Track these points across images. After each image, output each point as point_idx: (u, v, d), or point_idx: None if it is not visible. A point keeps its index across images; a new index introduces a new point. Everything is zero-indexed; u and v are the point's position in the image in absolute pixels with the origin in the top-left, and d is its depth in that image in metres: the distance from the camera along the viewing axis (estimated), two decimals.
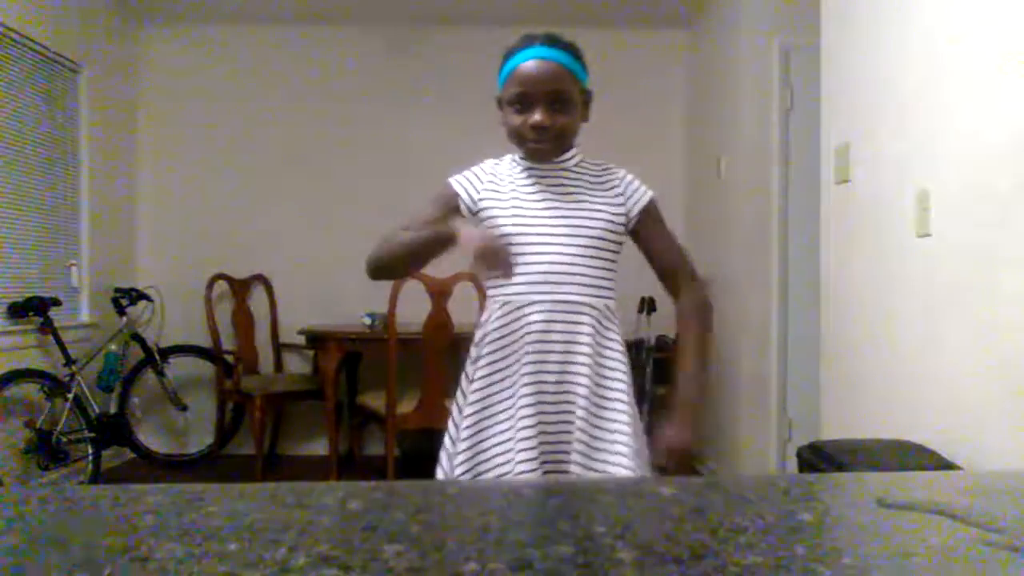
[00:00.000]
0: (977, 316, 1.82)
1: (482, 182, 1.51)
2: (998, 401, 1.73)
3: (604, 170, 1.53)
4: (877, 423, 2.26)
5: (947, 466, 1.84)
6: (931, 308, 2.01)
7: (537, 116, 1.41)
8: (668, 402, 1.41)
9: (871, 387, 2.32)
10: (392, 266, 1.49)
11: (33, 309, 3.54)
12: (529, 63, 1.41)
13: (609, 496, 0.64)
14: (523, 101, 1.42)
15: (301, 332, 4.15)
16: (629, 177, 1.53)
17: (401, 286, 3.39)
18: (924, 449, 1.93)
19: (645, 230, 1.50)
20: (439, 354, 3.45)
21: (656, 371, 4.07)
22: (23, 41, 3.59)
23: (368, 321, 3.95)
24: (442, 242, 1.37)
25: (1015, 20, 1.70)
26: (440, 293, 3.40)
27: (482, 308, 1.59)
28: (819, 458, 2.01)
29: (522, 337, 1.43)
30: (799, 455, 2.14)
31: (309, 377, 4.40)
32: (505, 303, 1.45)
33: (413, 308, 3.59)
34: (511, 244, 1.43)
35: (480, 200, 1.49)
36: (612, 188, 1.50)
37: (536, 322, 1.42)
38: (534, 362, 1.41)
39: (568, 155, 1.51)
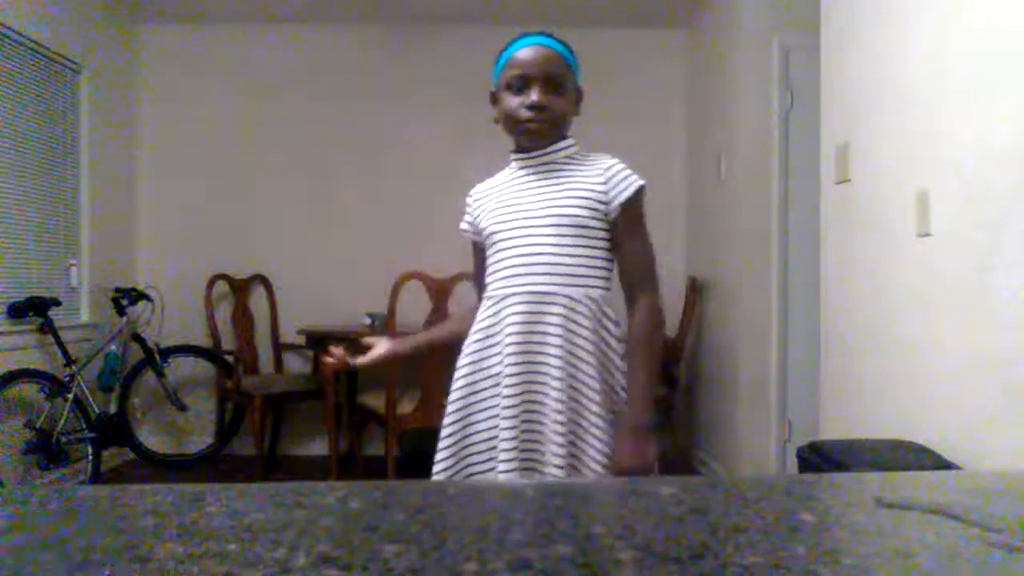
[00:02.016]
0: (977, 316, 1.82)
1: (472, 207, 1.58)
2: (998, 401, 1.73)
3: (592, 159, 1.50)
4: (877, 423, 2.26)
5: (947, 466, 1.84)
6: (931, 308, 2.01)
7: (535, 96, 1.43)
8: (632, 415, 1.34)
9: (871, 387, 2.32)
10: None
11: (33, 309, 3.54)
12: (528, 48, 1.46)
13: (609, 496, 0.64)
14: (521, 83, 1.45)
15: (301, 332, 4.15)
16: (618, 167, 1.47)
17: (401, 286, 3.39)
18: (924, 449, 1.93)
19: (619, 228, 1.46)
20: (439, 354, 3.44)
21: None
22: (23, 41, 3.59)
23: (368, 321, 3.95)
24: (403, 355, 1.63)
25: (1015, 19, 1.70)
26: (440, 293, 3.40)
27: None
28: (819, 458, 2.01)
29: (500, 331, 1.43)
30: (799, 455, 2.14)
31: (309, 377, 4.40)
32: (488, 298, 1.48)
33: (413, 308, 3.59)
34: (495, 240, 1.48)
35: (476, 220, 1.56)
36: (595, 175, 1.46)
37: (513, 314, 1.41)
38: (514, 353, 1.40)
39: (560, 144, 1.50)
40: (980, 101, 1.82)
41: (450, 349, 1.61)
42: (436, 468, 1.44)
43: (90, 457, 3.71)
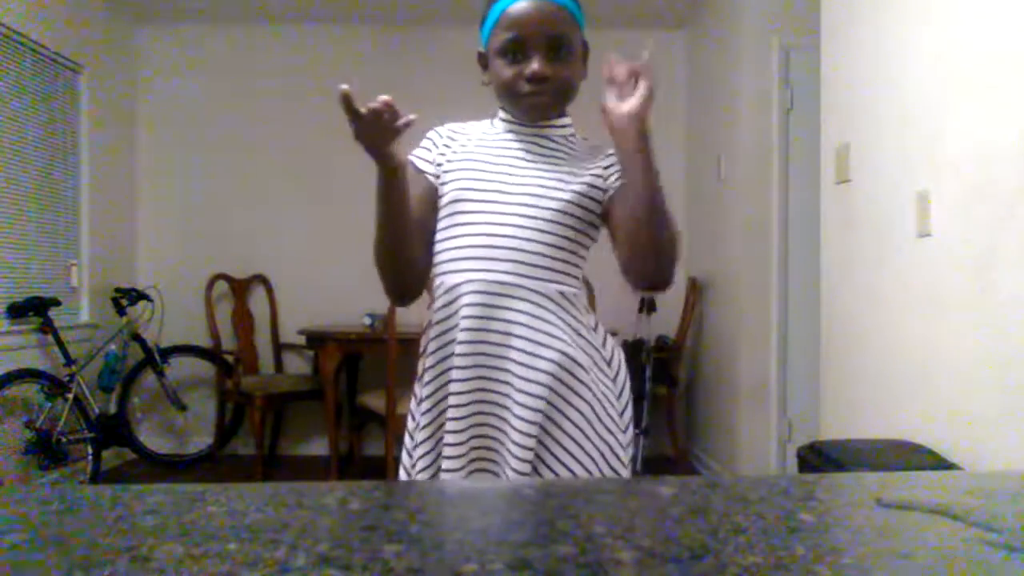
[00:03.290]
0: (977, 316, 1.81)
1: (438, 147, 1.32)
2: (998, 401, 1.73)
3: (594, 147, 1.31)
4: (877, 423, 2.26)
5: (947, 466, 1.84)
6: (931, 308, 2.01)
7: (536, 65, 1.19)
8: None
9: (871, 387, 2.32)
10: (385, 256, 1.23)
11: (33, 309, 3.54)
12: (523, 3, 1.19)
13: (609, 496, 0.64)
14: (518, 48, 1.20)
15: (301, 332, 4.15)
16: None
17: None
18: (924, 449, 1.94)
19: (618, 198, 1.22)
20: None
21: (656, 371, 4.07)
22: (23, 41, 3.59)
23: (368, 321, 3.95)
24: (378, 165, 1.14)
25: (1015, 20, 1.70)
26: None
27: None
28: (819, 458, 2.01)
29: (455, 325, 1.21)
30: (799, 455, 2.14)
31: (309, 377, 4.40)
32: (441, 284, 1.25)
33: (413, 308, 3.59)
34: (456, 210, 1.24)
35: (438, 164, 1.29)
36: (595, 162, 1.27)
37: (466, 305, 1.19)
38: (466, 353, 1.20)
39: (560, 121, 1.30)
40: (980, 101, 1.82)
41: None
42: (418, 465, 1.27)
43: (90, 457, 3.71)
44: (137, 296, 4.19)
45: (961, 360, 1.88)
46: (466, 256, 1.21)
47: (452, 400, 1.21)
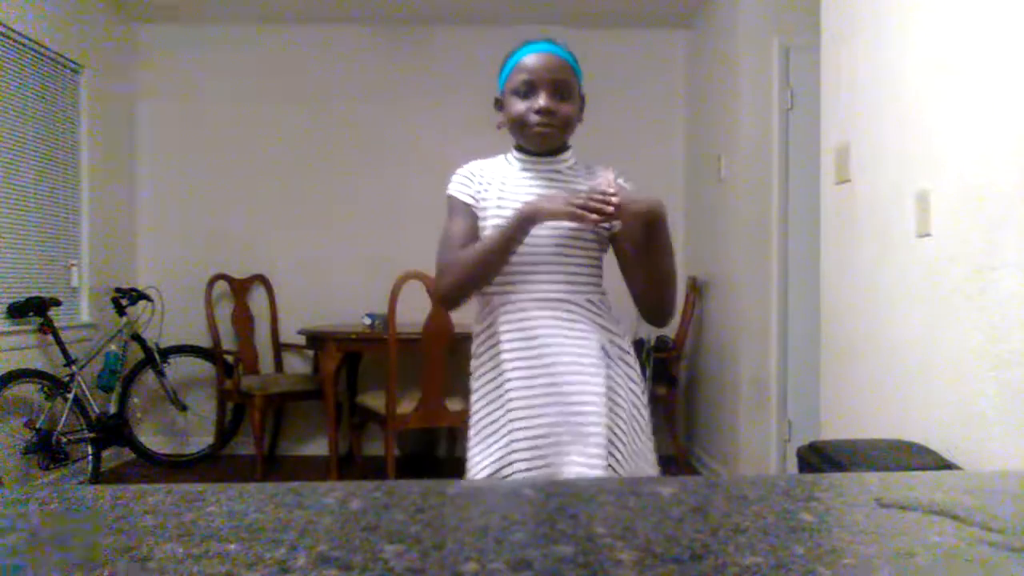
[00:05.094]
0: (977, 316, 1.81)
1: (474, 182, 1.56)
2: (998, 401, 1.73)
3: (588, 168, 1.59)
4: (877, 423, 2.26)
5: (947, 466, 1.84)
6: (931, 308, 2.01)
7: (543, 100, 1.47)
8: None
9: (871, 387, 2.32)
10: (474, 284, 1.50)
11: (33, 309, 3.54)
12: (535, 54, 1.50)
13: (609, 496, 0.64)
14: (528, 88, 1.49)
15: (301, 332, 4.15)
16: (622, 180, 1.53)
17: (401, 286, 3.39)
18: (924, 449, 1.93)
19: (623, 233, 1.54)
20: (439, 354, 3.45)
21: (656, 371, 4.07)
22: (23, 41, 3.59)
23: (368, 321, 3.96)
24: (519, 228, 1.41)
25: (1015, 20, 1.70)
26: None
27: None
28: (819, 458, 2.01)
29: (505, 333, 1.48)
30: (799, 455, 2.14)
31: (309, 377, 4.40)
32: (487, 302, 1.53)
33: (413, 308, 3.59)
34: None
35: (478, 200, 1.54)
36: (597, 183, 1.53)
37: (518, 319, 1.48)
38: (523, 358, 1.46)
39: (564, 155, 1.58)
40: (980, 101, 1.82)
41: (447, 346, 1.64)
42: (483, 472, 1.47)
43: (90, 457, 3.71)
44: (137, 296, 4.19)
45: (961, 360, 1.87)
46: (525, 280, 1.48)
47: (515, 403, 1.45)
